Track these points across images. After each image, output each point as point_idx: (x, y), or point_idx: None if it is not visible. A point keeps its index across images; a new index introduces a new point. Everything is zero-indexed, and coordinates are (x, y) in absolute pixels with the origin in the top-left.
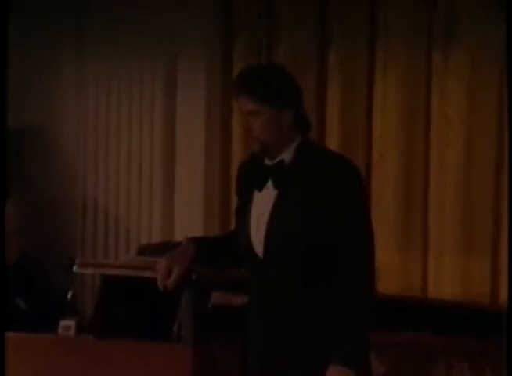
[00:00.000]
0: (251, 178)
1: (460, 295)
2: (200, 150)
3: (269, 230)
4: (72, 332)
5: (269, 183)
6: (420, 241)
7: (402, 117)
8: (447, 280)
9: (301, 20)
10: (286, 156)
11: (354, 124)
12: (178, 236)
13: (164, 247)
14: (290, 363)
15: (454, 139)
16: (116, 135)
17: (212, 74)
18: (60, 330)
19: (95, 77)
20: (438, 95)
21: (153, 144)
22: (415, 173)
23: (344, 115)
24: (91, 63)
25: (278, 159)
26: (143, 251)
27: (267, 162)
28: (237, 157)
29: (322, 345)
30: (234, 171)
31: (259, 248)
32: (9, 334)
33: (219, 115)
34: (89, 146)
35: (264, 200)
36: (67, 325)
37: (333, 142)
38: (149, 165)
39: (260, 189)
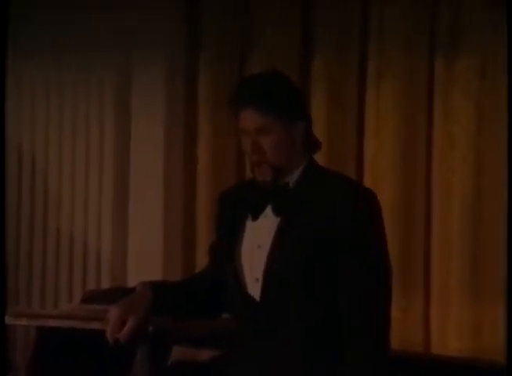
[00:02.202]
0: (241, 206)
1: (469, 350)
2: (158, 181)
3: (270, 266)
4: None
5: (268, 210)
6: (420, 286)
7: (399, 136)
8: (453, 332)
9: (280, 22)
10: (291, 179)
11: (343, 144)
12: (132, 281)
13: (115, 294)
14: None
15: (460, 162)
16: (56, 161)
17: (173, 86)
18: None
19: (31, 86)
20: (441, 109)
21: (102, 172)
22: (414, 202)
23: (332, 133)
24: (27, 71)
25: (281, 182)
26: (89, 298)
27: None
28: (203, 190)
29: None
30: (200, 205)
31: (255, 288)
32: None
33: (182, 138)
34: (25, 173)
35: (261, 231)
36: None
37: None
38: (98, 198)
39: (255, 218)
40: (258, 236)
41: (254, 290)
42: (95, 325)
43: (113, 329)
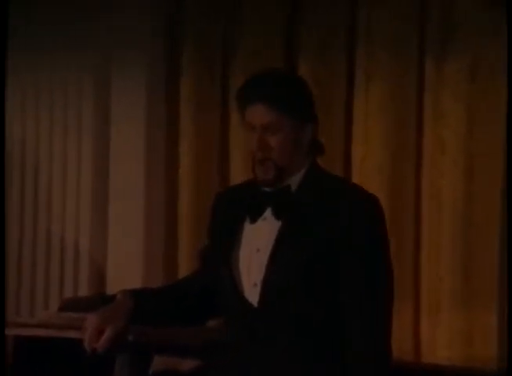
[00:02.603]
0: (238, 208)
1: (460, 359)
2: (139, 183)
3: (271, 271)
4: None
5: (268, 213)
6: (410, 292)
7: (388, 140)
8: (444, 340)
9: (265, 23)
10: (293, 182)
11: (330, 148)
12: (111, 289)
13: (93, 302)
14: None
15: (450, 166)
16: (33, 165)
17: (154, 86)
18: None
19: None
20: (431, 113)
21: (80, 175)
22: (403, 207)
23: (319, 137)
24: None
25: (282, 185)
26: (67, 306)
27: (264, 188)
28: (186, 192)
29: None
30: (182, 208)
31: (252, 293)
32: None
33: (163, 139)
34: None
35: (260, 234)
36: None
37: None
38: (75, 202)
39: (254, 221)
40: (257, 240)
41: (252, 295)
42: (73, 334)
43: (91, 338)
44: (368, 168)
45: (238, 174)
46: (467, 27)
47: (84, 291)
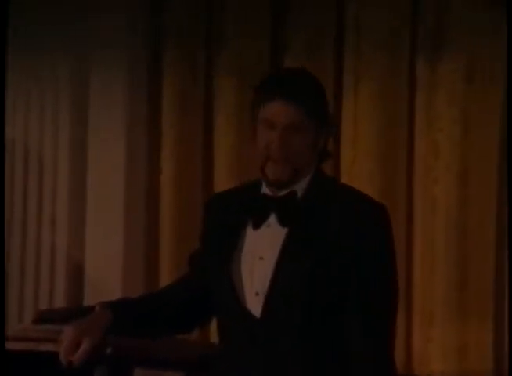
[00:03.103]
0: (237, 212)
1: (454, 373)
2: (119, 191)
3: (276, 280)
4: None
5: (272, 219)
6: (402, 303)
7: (378, 145)
8: (437, 353)
9: (250, 22)
10: (299, 187)
11: None
12: (89, 300)
13: (70, 314)
14: None
15: (444, 171)
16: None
17: (134, 89)
18: None
19: None
20: (424, 116)
21: (56, 183)
22: (395, 216)
23: None
24: None
25: (288, 190)
26: (42, 318)
27: (267, 192)
28: (167, 201)
29: None
30: (163, 217)
31: (254, 303)
32: None
33: (144, 144)
34: None
35: (263, 241)
36: None
37: None
38: (51, 210)
39: (257, 227)
40: (260, 247)
41: (254, 305)
42: (49, 347)
43: (67, 351)
44: (357, 173)
45: (222, 179)
46: (463, 24)
47: (60, 303)
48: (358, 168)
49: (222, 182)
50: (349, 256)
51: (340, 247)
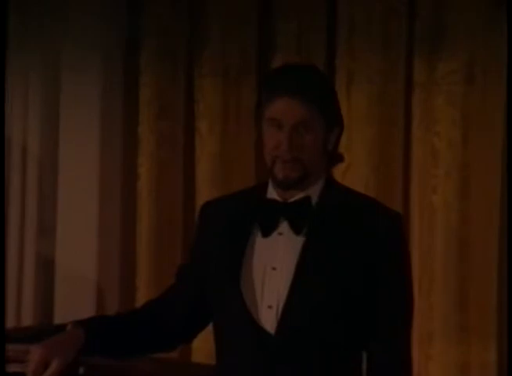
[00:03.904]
0: (243, 218)
1: None
2: (92, 200)
3: (294, 292)
4: None
5: (284, 227)
6: None
7: (373, 150)
8: (436, 374)
9: (235, 19)
10: (313, 193)
11: None
12: (59, 317)
13: (39, 333)
14: None
15: (443, 179)
16: None
17: (110, 90)
18: None
19: None
20: (421, 119)
21: (25, 192)
22: None
23: None
24: None
25: (300, 196)
26: (8, 337)
27: (275, 197)
28: (145, 209)
29: None
30: (141, 227)
31: (267, 317)
32: None
33: (120, 149)
34: None
35: (275, 250)
36: None
37: None
38: (19, 221)
39: (267, 234)
40: (272, 257)
41: (267, 319)
42: (15, 367)
43: (35, 372)
44: (351, 180)
45: (204, 186)
46: (462, 22)
47: (28, 320)
48: (352, 174)
49: (205, 189)
50: (370, 270)
51: (360, 257)
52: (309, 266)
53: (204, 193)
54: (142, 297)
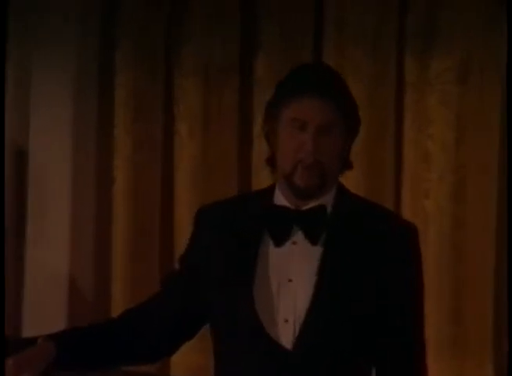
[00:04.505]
0: (250, 227)
1: None
2: (64, 206)
3: (315, 306)
4: None
5: (299, 236)
6: None
7: (363, 154)
8: None
9: (217, 16)
10: (327, 201)
11: None
12: (28, 331)
13: (7, 346)
14: None
15: (436, 183)
16: None
17: (83, 91)
18: None
19: None
20: (413, 121)
21: None
22: None
23: None
24: None
25: (314, 204)
26: None
27: (286, 204)
28: (120, 215)
29: None
30: (117, 234)
31: (284, 331)
32: None
33: (94, 152)
34: None
35: (290, 261)
36: None
37: None
38: None
39: (279, 244)
40: (287, 268)
41: (283, 333)
42: None
43: None
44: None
45: (184, 191)
46: (456, 19)
47: None
48: (342, 178)
49: (184, 194)
50: (382, 283)
51: (378, 268)
52: (330, 279)
53: (184, 198)
54: (116, 305)
